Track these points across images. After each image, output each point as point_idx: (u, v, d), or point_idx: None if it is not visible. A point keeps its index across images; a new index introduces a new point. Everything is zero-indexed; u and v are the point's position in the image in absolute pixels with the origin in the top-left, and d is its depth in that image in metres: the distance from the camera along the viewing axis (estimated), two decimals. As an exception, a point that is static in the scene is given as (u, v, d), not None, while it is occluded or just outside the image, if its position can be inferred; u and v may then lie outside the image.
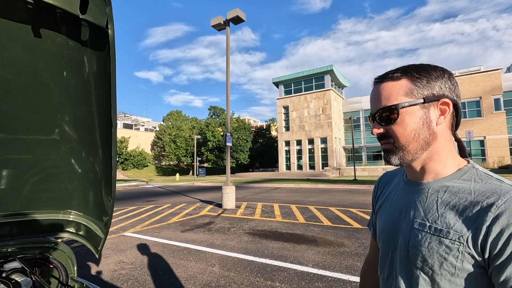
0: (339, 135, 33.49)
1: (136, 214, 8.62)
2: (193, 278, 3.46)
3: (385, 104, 0.65)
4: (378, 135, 0.68)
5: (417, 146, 0.63)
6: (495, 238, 0.52)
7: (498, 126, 25.65)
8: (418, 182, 0.67)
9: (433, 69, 0.64)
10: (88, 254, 4.50)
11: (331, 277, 3.42)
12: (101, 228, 1.36)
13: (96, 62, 1.00)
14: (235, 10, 9.72)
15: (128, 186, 23.37)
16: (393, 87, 0.65)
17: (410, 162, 0.66)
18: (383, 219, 0.76)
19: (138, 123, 63.03)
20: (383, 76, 0.67)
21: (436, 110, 0.63)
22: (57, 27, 0.93)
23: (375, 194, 0.88)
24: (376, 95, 0.68)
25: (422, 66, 0.65)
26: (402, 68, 0.66)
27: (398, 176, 0.80)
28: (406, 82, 0.64)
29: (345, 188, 15.76)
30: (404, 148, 0.64)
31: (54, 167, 1.26)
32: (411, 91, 0.63)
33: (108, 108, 0.99)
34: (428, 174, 0.66)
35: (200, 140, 43.86)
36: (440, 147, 0.64)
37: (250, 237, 5.45)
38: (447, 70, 0.65)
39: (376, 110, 0.67)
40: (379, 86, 0.67)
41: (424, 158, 0.65)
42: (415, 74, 0.64)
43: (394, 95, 0.64)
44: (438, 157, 0.65)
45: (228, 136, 10.12)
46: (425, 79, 0.63)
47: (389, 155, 0.67)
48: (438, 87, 0.63)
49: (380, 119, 0.66)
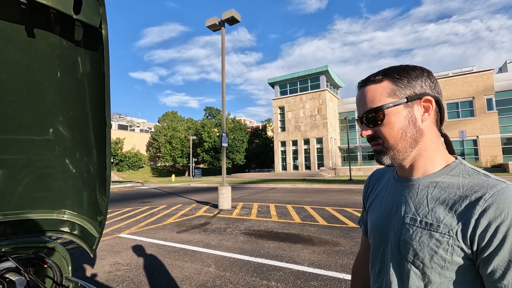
0: (334, 135, 33.66)
1: (132, 215, 8.57)
2: (189, 279, 3.46)
3: (371, 106, 0.67)
4: (368, 137, 0.70)
5: (405, 144, 0.65)
6: (483, 230, 0.53)
7: (490, 125, 26.01)
8: (408, 178, 0.69)
9: (412, 69, 0.67)
10: (83, 255, 4.47)
11: (326, 275, 3.44)
12: (96, 228, 1.36)
13: (90, 62, 1.01)
14: (230, 10, 9.73)
15: (123, 187, 23.20)
16: (376, 90, 0.67)
17: (402, 161, 0.68)
18: (374, 216, 0.77)
19: (133, 124, 62.67)
20: (366, 80, 0.70)
21: (420, 107, 0.66)
22: (50, 27, 0.94)
23: (366, 191, 0.89)
24: (361, 98, 0.70)
25: (401, 67, 0.68)
26: (383, 71, 0.69)
27: (388, 173, 0.82)
28: (388, 84, 0.66)
29: (341, 188, 15.84)
30: (393, 148, 0.66)
31: (48, 167, 1.26)
32: (393, 92, 0.66)
33: (102, 108, 1.00)
34: (417, 170, 0.68)
35: (195, 141, 43.72)
36: (428, 143, 0.66)
37: (246, 237, 5.46)
38: (426, 69, 0.68)
39: (363, 113, 0.69)
40: (363, 89, 0.70)
41: (413, 155, 0.67)
42: (395, 75, 0.66)
43: (378, 97, 0.66)
44: (426, 153, 0.67)
45: (224, 137, 10.12)
46: (405, 79, 0.66)
47: (380, 156, 0.69)
48: (419, 85, 0.65)
49: (368, 121, 0.69)
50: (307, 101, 33.51)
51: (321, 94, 32.66)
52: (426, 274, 0.60)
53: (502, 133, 26.13)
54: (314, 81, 33.55)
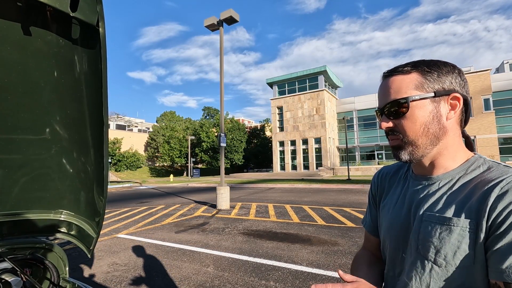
0: (332, 135, 33.72)
1: (130, 215, 8.54)
2: (187, 279, 3.45)
3: (395, 97, 0.64)
4: (387, 129, 0.67)
5: (426, 140, 0.63)
6: (497, 215, 0.52)
7: (487, 125, 26.16)
8: (428, 176, 0.67)
9: (443, 64, 0.64)
10: (81, 256, 4.45)
11: (325, 275, 3.44)
12: (93, 228, 1.35)
13: (87, 60, 0.99)
14: (228, 10, 9.72)
15: (121, 187, 23.12)
16: (403, 81, 0.64)
17: (420, 158, 0.65)
18: (389, 217, 0.73)
19: (131, 124, 62.47)
20: (393, 70, 0.67)
21: (447, 104, 0.63)
22: (47, 25, 0.93)
23: (374, 189, 0.86)
24: (385, 88, 0.67)
25: (432, 61, 0.65)
26: (412, 63, 0.66)
27: (401, 171, 0.78)
28: (416, 76, 0.63)
29: (339, 187, 15.87)
30: (413, 143, 0.63)
31: (45, 167, 1.25)
32: (421, 85, 0.63)
33: (99, 107, 0.98)
34: (437, 169, 0.65)
35: (194, 141, 43.66)
36: (450, 142, 0.64)
37: (244, 237, 5.46)
38: (457, 67, 0.65)
39: (385, 104, 0.66)
40: (388, 79, 0.67)
41: (434, 153, 0.64)
42: (425, 68, 0.64)
43: (404, 89, 0.63)
44: (448, 152, 0.64)
45: (222, 137, 10.11)
46: (435, 73, 0.63)
47: (398, 151, 0.66)
48: (448, 81, 0.63)
49: (389, 113, 0.66)
50: (306, 101, 33.55)
51: (319, 94, 32.71)
52: (449, 271, 0.57)
53: (499, 133, 26.28)
54: (313, 81, 33.60)
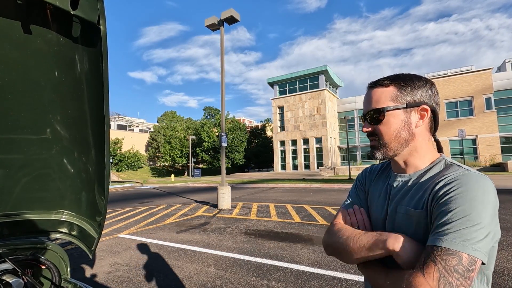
0: (333, 134, 33.67)
1: (131, 215, 8.54)
2: (189, 279, 3.44)
3: (374, 106, 0.78)
4: (367, 132, 0.81)
5: (397, 144, 0.76)
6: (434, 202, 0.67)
7: (489, 125, 26.05)
8: (402, 174, 0.80)
9: (417, 79, 0.77)
10: (82, 256, 4.45)
11: (326, 275, 3.43)
12: (95, 228, 1.34)
13: (88, 59, 0.98)
14: (229, 10, 9.70)
15: (122, 187, 23.15)
16: (382, 93, 0.77)
17: (392, 156, 0.79)
18: (374, 206, 0.86)
19: (132, 124, 62.55)
20: (375, 82, 0.80)
21: (417, 114, 0.76)
22: (47, 23, 0.92)
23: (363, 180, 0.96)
24: (368, 98, 0.81)
25: (408, 76, 0.78)
26: (392, 77, 0.78)
27: (386, 170, 0.91)
28: (393, 89, 0.76)
29: (340, 187, 15.84)
30: (386, 145, 0.77)
31: (45, 167, 1.24)
32: (396, 97, 0.76)
33: (100, 106, 0.97)
34: (409, 167, 0.79)
35: (195, 140, 43.67)
36: (419, 145, 0.77)
37: (246, 237, 5.45)
38: (430, 81, 0.78)
39: (367, 111, 0.80)
40: (371, 90, 0.80)
41: (404, 154, 0.78)
42: (401, 83, 0.76)
43: (382, 100, 0.77)
44: (417, 153, 0.77)
45: (223, 137, 10.10)
46: (409, 88, 0.76)
47: (374, 151, 0.80)
48: (419, 95, 0.75)
49: (370, 119, 0.79)
50: (306, 100, 33.51)
51: (320, 93, 32.66)
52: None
53: (501, 132, 26.17)
54: (313, 81, 33.54)
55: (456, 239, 0.59)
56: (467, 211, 0.60)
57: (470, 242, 0.59)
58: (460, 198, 0.62)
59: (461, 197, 0.62)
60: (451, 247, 0.59)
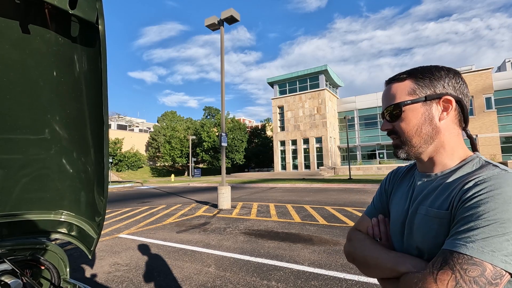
0: (334, 134, 33.65)
1: (131, 215, 8.54)
2: (189, 279, 3.44)
3: (391, 102, 0.74)
4: (387, 131, 0.76)
5: (420, 140, 0.70)
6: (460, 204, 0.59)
7: (489, 124, 26.05)
8: (428, 173, 0.74)
9: (437, 69, 0.71)
10: (82, 256, 4.44)
11: (326, 275, 3.43)
12: (94, 229, 1.34)
13: (87, 59, 0.98)
14: (229, 10, 9.70)
15: (122, 187, 23.15)
16: (398, 87, 0.73)
17: (416, 155, 0.73)
18: (395, 209, 0.81)
19: (132, 124, 62.54)
20: (392, 78, 0.76)
21: (439, 106, 0.69)
22: (46, 23, 0.91)
23: (387, 184, 0.91)
24: (385, 95, 0.77)
25: (427, 68, 0.72)
26: (409, 71, 0.74)
27: (411, 171, 0.85)
28: (409, 83, 0.72)
29: (340, 187, 15.84)
30: (408, 142, 0.72)
31: (44, 167, 1.24)
32: (413, 91, 0.71)
33: (99, 106, 0.97)
34: (436, 166, 0.72)
35: (195, 140, 43.67)
36: (446, 141, 0.70)
37: (246, 237, 5.44)
38: (453, 70, 0.72)
39: (385, 108, 0.76)
40: (388, 86, 0.77)
41: (430, 151, 0.71)
42: (419, 75, 0.71)
43: (398, 95, 0.73)
44: (444, 150, 0.70)
45: (223, 136, 10.09)
46: (427, 79, 0.70)
47: (397, 150, 0.75)
48: (441, 85, 0.69)
49: (389, 117, 0.75)
50: (306, 100, 33.49)
51: (320, 93, 32.64)
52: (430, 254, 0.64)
53: (501, 132, 26.17)
54: (313, 81, 33.52)
55: (484, 248, 0.52)
56: (500, 217, 0.53)
57: (502, 253, 0.51)
58: (493, 201, 0.54)
59: (494, 200, 0.54)
60: (476, 256, 0.52)
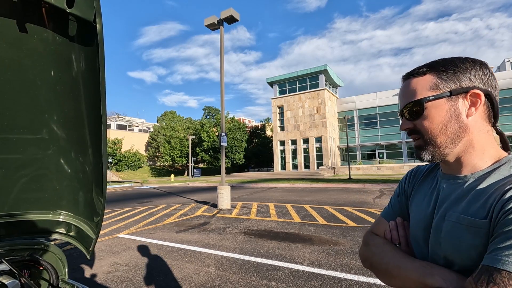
0: (333, 134, 33.67)
1: (131, 215, 8.53)
2: (189, 279, 3.43)
3: (411, 99, 0.66)
4: (407, 130, 0.69)
5: (446, 139, 0.63)
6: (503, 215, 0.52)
7: (489, 124, 26.06)
8: (455, 176, 0.66)
9: (461, 61, 0.64)
10: (81, 256, 4.44)
11: (326, 275, 3.42)
12: (92, 229, 1.33)
13: (85, 58, 0.97)
14: (228, 9, 9.69)
15: (122, 187, 23.14)
16: (418, 82, 0.66)
17: (442, 156, 0.65)
18: (416, 213, 0.74)
19: (132, 124, 62.50)
20: (410, 72, 0.69)
21: (466, 102, 0.62)
22: (43, 21, 0.91)
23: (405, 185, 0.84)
24: (403, 91, 0.69)
25: (450, 60, 0.65)
26: (429, 64, 0.67)
27: (433, 170, 0.79)
28: (431, 77, 0.65)
29: (340, 187, 15.85)
30: (433, 142, 0.64)
31: (42, 167, 1.23)
32: (436, 85, 0.64)
33: (97, 106, 0.96)
34: (464, 167, 0.65)
35: (194, 140, 43.67)
36: (475, 139, 0.63)
37: (245, 237, 5.44)
38: (479, 61, 0.64)
39: (403, 106, 0.68)
40: (406, 82, 0.69)
41: (457, 151, 0.64)
42: (441, 68, 0.64)
43: (419, 90, 0.65)
44: (473, 149, 0.63)
45: (223, 136, 10.09)
46: (451, 72, 0.63)
47: (420, 151, 0.67)
48: (467, 78, 0.62)
49: (408, 115, 0.67)
50: (306, 100, 33.50)
51: (320, 93, 32.65)
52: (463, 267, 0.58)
53: (501, 132, 26.18)
54: (313, 80, 33.53)
55: None
56: None
57: None
58: None
59: None
60: None
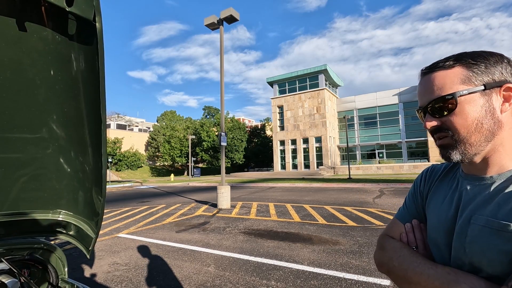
0: (333, 134, 33.68)
1: (130, 215, 8.53)
2: (188, 279, 3.43)
3: (439, 94, 0.60)
4: (432, 128, 0.64)
5: (480, 137, 0.59)
6: None
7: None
8: (480, 176, 0.62)
9: (490, 54, 0.61)
10: (81, 255, 4.44)
11: (326, 275, 3.42)
12: (92, 228, 1.33)
13: (84, 57, 0.97)
14: (228, 9, 9.69)
15: (122, 187, 23.14)
16: (446, 76, 0.61)
17: (473, 156, 0.61)
18: (435, 216, 0.69)
19: (131, 124, 62.49)
20: (433, 65, 0.63)
21: (499, 97, 0.59)
22: (42, 20, 0.91)
23: (421, 185, 0.80)
24: (426, 86, 0.64)
25: (476, 53, 0.61)
26: (454, 56, 0.62)
27: (451, 170, 0.74)
28: (461, 70, 0.60)
29: (340, 186, 15.85)
30: (466, 141, 0.59)
31: (42, 166, 1.23)
32: (468, 78, 0.59)
33: (97, 105, 0.96)
34: (491, 167, 0.61)
35: (194, 140, 43.68)
36: (506, 137, 0.59)
37: (245, 237, 5.44)
38: (505, 56, 0.61)
39: (429, 102, 0.63)
40: (429, 76, 0.63)
41: (487, 150, 0.60)
42: (470, 61, 0.60)
43: (449, 84, 0.60)
44: (503, 148, 0.59)
45: (223, 136, 10.09)
46: (483, 65, 0.59)
47: (449, 151, 0.62)
48: (498, 72, 0.59)
49: (434, 111, 0.62)
50: (306, 100, 33.51)
51: (320, 93, 32.66)
52: (493, 276, 0.55)
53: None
54: (313, 80, 33.55)
55: None
56: None
57: None
58: None
59: None
60: None
